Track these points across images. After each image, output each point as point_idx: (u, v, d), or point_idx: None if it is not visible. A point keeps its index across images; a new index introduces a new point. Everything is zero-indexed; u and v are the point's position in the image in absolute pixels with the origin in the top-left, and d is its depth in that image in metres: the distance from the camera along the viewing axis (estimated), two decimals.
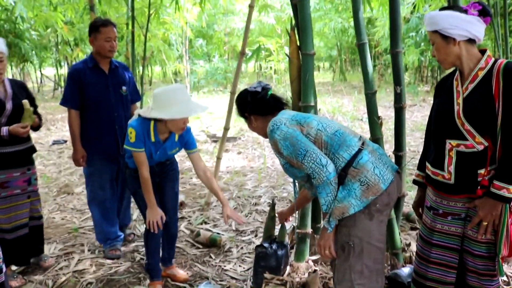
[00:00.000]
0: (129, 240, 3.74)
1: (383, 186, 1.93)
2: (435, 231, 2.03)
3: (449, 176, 1.92)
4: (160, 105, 2.52)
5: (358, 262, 1.96)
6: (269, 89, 2.23)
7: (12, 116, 2.85)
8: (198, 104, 2.60)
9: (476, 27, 1.82)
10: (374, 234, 1.96)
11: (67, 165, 6.61)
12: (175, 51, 14.23)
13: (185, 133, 2.77)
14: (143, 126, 2.61)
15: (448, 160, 1.92)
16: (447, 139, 1.92)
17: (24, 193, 3.05)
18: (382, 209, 1.96)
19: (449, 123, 1.90)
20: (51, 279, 3.11)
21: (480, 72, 1.85)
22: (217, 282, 2.99)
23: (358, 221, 1.94)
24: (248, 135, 8.46)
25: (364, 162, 1.95)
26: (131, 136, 2.58)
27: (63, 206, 4.75)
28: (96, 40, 3.23)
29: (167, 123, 2.58)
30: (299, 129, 2.00)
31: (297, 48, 2.83)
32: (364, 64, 2.79)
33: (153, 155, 2.73)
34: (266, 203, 4.59)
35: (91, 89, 3.25)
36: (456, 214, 1.97)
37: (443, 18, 1.84)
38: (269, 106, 2.19)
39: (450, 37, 1.84)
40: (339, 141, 1.98)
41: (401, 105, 2.77)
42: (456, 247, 2.00)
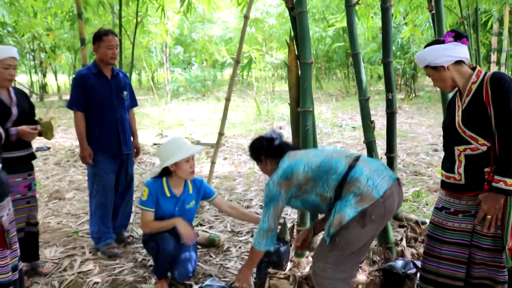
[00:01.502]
0: (128, 242, 3.85)
1: (376, 195, 2.12)
2: (447, 229, 2.27)
3: (460, 177, 2.19)
4: (164, 158, 2.86)
5: (337, 254, 2.19)
6: (281, 136, 2.57)
7: (17, 122, 2.93)
8: (192, 146, 3.01)
9: (457, 50, 2.16)
10: (361, 239, 2.18)
11: (54, 171, 6.62)
12: (155, 58, 14.29)
13: (200, 185, 3.06)
14: (156, 184, 2.92)
15: (458, 163, 2.19)
16: (455, 146, 2.20)
17: (24, 198, 3.11)
18: (377, 220, 2.15)
19: (454, 133, 2.19)
20: (56, 280, 3.19)
21: (473, 85, 2.15)
22: (221, 279, 3.14)
23: (350, 227, 2.13)
24: (232, 141, 8.62)
25: (358, 176, 2.16)
26: (144, 194, 2.88)
27: (57, 211, 4.80)
28: (99, 48, 3.46)
29: (176, 172, 2.87)
30: (286, 185, 2.28)
31: (295, 57, 3.03)
32: (358, 72, 3.01)
33: (174, 213, 2.96)
34: (258, 206, 4.75)
35: (95, 93, 3.47)
36: (466, 212, 2.22)
37: (428, 53, 2.20)
38: (281, 150, 2.49)
39: (439, 65, 2.17)
40: (324, 169, 2.24)
41: (392, 110, 3.00)
42: (467, 242, 2.22)
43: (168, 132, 9.54)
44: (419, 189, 5.05)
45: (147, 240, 3.01)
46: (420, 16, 8.49)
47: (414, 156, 6.89)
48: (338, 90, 18.98)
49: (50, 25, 11.22)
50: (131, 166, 3.80)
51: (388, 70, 2.98)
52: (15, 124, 2.93)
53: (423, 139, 8.34)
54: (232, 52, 17.42)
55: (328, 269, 2.20)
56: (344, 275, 2.23)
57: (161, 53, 14.53)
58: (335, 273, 2.20)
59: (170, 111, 12.48)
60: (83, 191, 5.53)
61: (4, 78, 2.85)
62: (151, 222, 2.90)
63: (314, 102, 3.14)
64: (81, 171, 6.60)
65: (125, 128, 3.62)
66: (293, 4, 2.95)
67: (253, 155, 2.61)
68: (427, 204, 4.52)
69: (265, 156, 2.52)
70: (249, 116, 11.49)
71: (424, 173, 5.88)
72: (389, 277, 2.75)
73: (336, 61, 21.17)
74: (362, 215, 2.12)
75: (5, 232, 2.04)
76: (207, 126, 10.41)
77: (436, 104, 13.55)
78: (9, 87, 2.98)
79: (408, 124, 9.97)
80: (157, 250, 2.87)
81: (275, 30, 15.18)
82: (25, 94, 3.18)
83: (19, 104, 2.99)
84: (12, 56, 2.85)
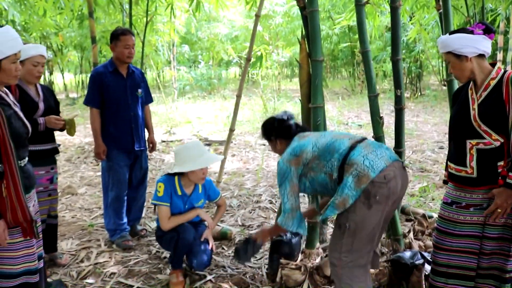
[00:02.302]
0: (141, 235, 3.96)
1: (372, 174, 2.19)
2: (458, 223, 2.30)
3: (472, 170, 2.22)
4: (181, 161, 2.99)
5: (349, 241, 2.25)
6: (292, 117, 2.66)
7: (43, 116, 3.07)
8: (212, 155, 3.21)
9: (483, 44, 2.17)
10: (370, 221, 2.24)
11: (65, 167, 6.75)
12: (162, 56, 14.40)
13: (208, 186, 3.20)
14: (169, 181, 3.05)
15: (470, 157, 2.22)
16: (467, 139, 2.23)
17: (46, 190, 3.24)
18: (382, 201, 2.21)
19: (467, 126, 2.22)
20: (74, 271, 3.30)
21: (492, 81, 2.19)
22: (234, 270, 3.24)
23: (357, 209, 2.22)
24: (239, 139, 8.72)
25: (355, 157, 2.25)
26: (160, 190, 3.01)
27: (70, 205, 4.92)
28: (116, 47, 3.56)
29: (189, 175, 3.02)
30: (295, 162, 2.39)
31: (307, 55, 3.12)
32: (367, 70, 3.11)
33: (182, 210, 3.09)
34: (267, 201, 4.85)
35: (111, 91, 3.58)
36: (478, 205, 2.25)
37: (454, 40, 2.19)
38: (292, 131, 2.60)
39: (463, 55, 2.18)
40: (329, 149, 2.34)
41: (401, 106, 3.09)
42: (478, 234, 2.27)
43: (176, 129, 9.65)
44: (426, 185, 5.14)
45: (162, 235, 3.10)
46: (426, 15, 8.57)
47: (420, 153, 6.97)
48: (343, 89, 19.04)
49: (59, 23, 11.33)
50: (145, 160, 3.91)
51: (397, 68, 3.06)
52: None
53: (429, 136, 8.41)
54: (238, 50, 17.52)
55: (343, 257, 2.27)
56: (360, 261, 2.29)
57: (168, 51, 14.64)
58: (350, 261, 2.27)
59: (177, 109, 12.60)
60: (94, 187, 5.66)
61: (32, 75, 3.00)
62: (172, 218, 3.02)
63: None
64: (92, 168, 6.73)
65: (138, 126, 3.73)
66: (305, 4, 3.04)
67: (265, 134, 2.71)
68: (434, 199, 4.61)
69: (276, 137, 2.63)
70: (256, 114, 11.59)
71: (430, 169, 5.97)
72: (397, 267, 2.84)
73: (342, 60, 21.22)
74: (366, 196, 2.19)
75: (33, 222, 2.14)
76: (214, 124, 10.52)
77: (442, 103, 13.60)
78: (37, 84, 3.12)
79: (414, 122, 10.04)
80: (177, 240, 2.97)
81: (281, 28, 15.26)
82: (51, 91, 3.34)
83: (46, 100, 3.14)
84: (41, 54, 3.01)
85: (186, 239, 2.96)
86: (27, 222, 2.11)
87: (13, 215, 2.07)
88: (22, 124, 2.22)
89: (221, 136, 8.90)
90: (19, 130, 2.18)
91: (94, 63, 6.44)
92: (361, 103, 14.38)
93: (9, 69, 2.10)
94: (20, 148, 2.18)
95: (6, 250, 2.14)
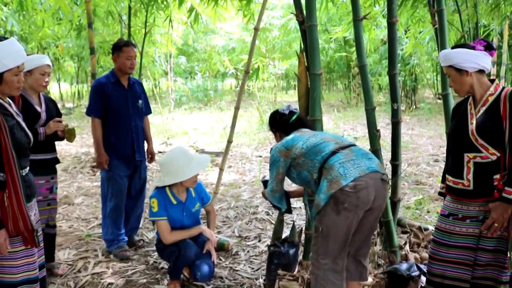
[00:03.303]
0: (138, 245, 3.96)
1: (343, 182, 2.24)
2: (454, 234, 2.35)
3: (468, 183, 2.28)
4: (172, 172, 2.98)
5: (325, 244, 2.35)
6: (295, 113, 2.75)
7: (44, 126, 3.09)
8: (201, 157, 3.19)
9: (484, 60, 2.24)
10: (339, 227, 2.30)
11: (62, 177, 6.73)
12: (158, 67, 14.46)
13: (199, 189, 3.23)
14: (161, 194, 3.06)
15: (467, 170, 2.28)
16: (465, 153, 2.29)
17: (45, 200, 3.25)
18: (350, 208, 2.26)
19: (465, 139, 2.28)
20: (71, 281, 3.30)
21: (490, 97, 2.26)
22: (231, 281, 3.25)
23: (327, 214, 2.31)
24: (236, 150, 8.75)
25: (332, 163, 2.33)
26: (154, 205, 3.01)
27: (67, 215, 4.92)
28: (118, 58, 3.61)
29: (183, 182, 3.02)
30: (284, 154, 2.53)
31: (305, 69, 3.18)
32: (364, 83, 3.16)
33: (182, 219, 3.11)
34: (264, 212, 4.87)
35: (112, 101, 3.63)
36: (474, 217, 2.30)
37: (456, 55, 2.26)
38: (292, 127, 2.70)
39: (463, 69, 2.25)
40: (314, 150, 2.44)
41: (397, 119, 3.14)
42: (473, 246, 2.32)
43: (173, 140, 9.68)
44: (421, 197, 5.18)
45: (163, 248, 3.10)
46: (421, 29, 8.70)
47: (415, 166, 7.02)
48: (339, 101, 19.16)
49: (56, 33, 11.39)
50: (144, 170, 3.94)
51: (393, 82, 3.12)
52: None
53: (424, 149, 8.47)
54: (235, 62, 17.62)
55: (320, 259, 2.36)
56: (335, 267, 2.36)
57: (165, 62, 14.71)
58: (326, 263, 2.35)
59: (173, 120, 12.62)
60: (91, 197, 5.66)
61: (40, 84, 3.06)
62: (174, 233, 3.02)
63: None
64: (88, 178, 6.73)
65: (139, 136, 3.78)
66: (303, 18, 3.10)
67: (269, 126, 2.88)
68: (429, 211, 4.65)
69: (276, 129, 2.79)
70: (252, 125, 11.64)
71: (426, 182, 6.02)
72: (394, 279, 2.87)
73: (337, 72, 21.39)
74: (335, 202, 2.26)
75: (34, 232, 2.16)
76: (211, 135, 10.55)
77: (437, 116, 13.71)
78: (40, 94, 3.17)
79: (409, 135, 10.11)
80: (178, 254, 2.97)
81: (278, 41, 15.39)
82: (54, 102, 3.38)
83: (48, 110, 3.18)
84: (48, 64, 3.09)
85: (188, 255, 2.97)
86: (28, 231, 2.13)
87: (14, 224, 2.09)
88: (24, 134, 2.25)
89: (217, 147, 8.93)
90: (21, 140, 2.21)
91: (93, 74, 6.49)
92: (356, 115, 14.47)
93: (11, 81, 2.13)
94: (22, 157, 2.20)
95: (7, 259, 2.16)
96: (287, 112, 2.74)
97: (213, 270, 3.10)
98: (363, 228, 2.44)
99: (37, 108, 3.09)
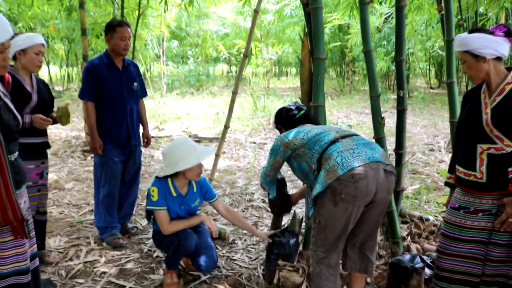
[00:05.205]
0: (132, 233, 3.85)
1: (340, 171, 2.16)
2: (465, 228, 2.25)
3: (481, 175, 2.17)
4: (174, 161, 2.82)
5: (323, 236, 2.28)
6: (302, 109, 2.73)
7: (35, 109, 2.96)
8: (205, 148, 2.99)
9: (503, 47, 2.11)
10: (337, 219, 2.22)
11: (52, 162, 6.56)
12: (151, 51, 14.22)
13: (203, 184, 3.06)
14: (162, 184, 2.90)
15: (480, 161, 2.17)
16: (478, 143, 2.18)
17: (35, 186, 3.12)
18: (348, 199, 2.17)
19: (479, 130, 2.16)
20: (63, 269, 3.18)
21: (507, 86, 2.13)
22: (228, 271, 3.16)
23: (325, 204, 2.23)
24: (229, 136, 8.62)
25: (331, 152, 2.26)
26: (154, 194, 2.85)
27: (58, 201, 4.78)
28: (112, 39, 3.45)
29: (186, 174, 2.86)
30: (285, 144, 2.51)
31: (308, 53, 3.06)
32: (370, 69, 3.05)
33: (179, 212, 2.96)
34: (260, 200, 4.78)
35: (106, 83, 3.48)
36: (486, 210, 2.20)
37: (474, 40, 2.12)
38: (297, 123, 2.68)
39: (481, 56, 2.12)
40: (314, 139, 2.40)
41: (403, 107, 3.04)
42: (485, 240, 2.22)
43: (165, 125, 9.52)
44: (418, 187, 5.12)
45: (161, 238, 2.96)
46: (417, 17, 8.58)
47: (410, 155, 6.96)
48: (332, 89, 19.07)
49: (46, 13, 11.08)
50: (139, 156, 3.81)
51: (400, 68, 3.02)
52: (33, 111, 2.96)
53: (418, 139, 8.42)
54: (228, 47, 17.41)
55: (319, 252, 2.30)
56: (330, 261, 2.30)
57: (158, 46, 14.45)
58: (324, 257, 2.29)
59: (165, 105, 12.44)
60: (82, 182, 5.52)
61: (34, 64, 2.92)
62: (174, 223, 2.89)
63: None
64: (79, 162, 6.58)
65: (134, 120, 3.64)
66: (308, 0, 2.97)
67: (274, 124, 2.87)
68: (428, 201, 4.59)
69: (282, 126, 2.77)
70: (246, 111, 11.51)
71: (422, 172, 5.96)
72: (397, 270, 2.80)
73: (330, 60, 21.26)
74: (332, 193, 2.18)
75: (24, 222, 2.02)
76: (204, 121, 10.41)
77: (430, 105, 13.69)
78: (32, 75, 3.02)
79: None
80: (178, 245, 2.84)
81: (273, 26, 15.19)
82: (46, 85, 3.22)
83: (40, 93, 3.03)
84: (43, 43, 2.94)
85: (188, 246, 2.84)
86: (18, 221, 1.99)
87: (3, 214, 1.94)
88: (12, 116, 2.10)
89: (211, 133, 8.81)
90: (9, 122, 2.06)
91: (84, 56, 6.30)
92: (350, 103, 14.40)
93: None
94: (10, 141, 2.05)
95: None
96: (294, 108, 2.73)
97: (216, 260, 2.99)
98: (367, 222, 2.35)
99: (28, 89, 2.94)
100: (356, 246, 2.47)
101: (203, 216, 3.02)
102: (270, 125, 9.58)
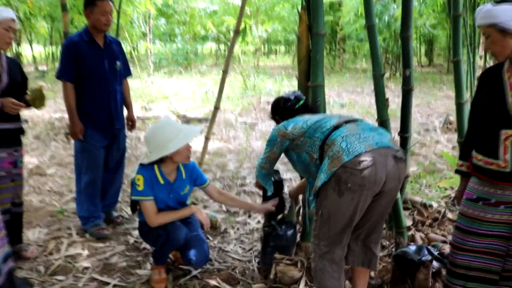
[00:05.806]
0: (117, 222, 3.63)
1: (345, 157, 1.95)
2: (484, 221, 2.03)
3: (506, 164, 1.94)
4: (158, 145, 2.55)
5: (326, 229, 2.09)
6: (301, 99, 2.52)
7: (6, 91, 2.69)
8: (192, 127, 2.78)
9: None
10: (342, 210, 2.02)
11: (33, 145, 6.27)
12: (137, 29, 13.78)
13: (192, 169, 2.80)
14: (148, 171, 2.63)
15: (504, 149, 1.93)
16: (502, 129, 1.94)
17: (8, 176, 2.86)
18: (355, 189, 1.96)
19: (502, 113, 1.92)
20: (42, 265, 2.95)
21: None
22: (221, 264, 2.95)
23: (328, 195, 2.03)
24: (219, 116, 8.32)
25: (334, 137, 2.08)
26: (139, 183, 2.59)
27: (38, 188, 4.51)
28: (92, 14, 3.17)
29: (174, 157, 2.60)
30: (283, 134, 2.30)
31: (306, 28, 2.80)
32: (372, 46, 2.80)
33: (168, 201, 2.70)
34: (252, 184, 4.56)
35: (87, 62, 3.20)
36: (510, 203, 1.98)
37: (502, 12, 1.86)
38: (296, 113, 2.45)
39: (509, 30, 1.86)
40: (314, 127, 2.21)
41: (409, 87, 2.81)
42: (506, 234, 2.02)
43: (152, 105, 9.21)
44: (416, 169, 4.95)
45: (147, 230, 2.73)
46: None
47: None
48: None
49: None
50: (123, 140, 3.56)
51: (406, 45, 2.76)
52: (4, 94, 2.69)
53: (413, 118, 8.19)
54: (216, 25, 16.96)
55: (322, 246, 2.13)
56: (334, 256, 2.12)
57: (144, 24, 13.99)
58: (327, 252, 2.12)
59: (153, 84, 12.09)
60: (65, 167, 5.24)
61: (3, 40, 2.65)
62: (163, 214, 2.64)
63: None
64: (62, 146, 6.29)
65: (117, 102, 3.37)
66: None
67: (271, 114, 2.66)
68: (429, 185, 4.41)
69: (279, 117, 2.54)
70: (235, 90, 11.22)
71: (419, 153, 5.78)
72: (402, 263, 2.60)
73: None
74: (337, 182, 1.99)
75: None
76: (192, 100, 10.11)
77: (422, 84, 13.48)
78: (1, 54, 2.74)
79: (396, 104, 9.86)
80: (166, 238, 2.60)
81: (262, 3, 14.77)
82: (18, 65, 2.95)
83: (11, 73, 2.75)
84: (13, 18, 2.67)
85: (177, 239, 2.60)
86: None
87: None
88: None
89: (200, 113, 8.53)
90: None
91: (65, 33, 5.91)
92: (341, 81, 14.16)
93: None
94: None
95: None
96: (292, 98, 2.51)
97: (208, 254, 2.77)
98: (373, 213, 2.15)
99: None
100: (359, 239, 2.27)
101: (193, 208, 2.75)
102: (261, 105, 9.31)
